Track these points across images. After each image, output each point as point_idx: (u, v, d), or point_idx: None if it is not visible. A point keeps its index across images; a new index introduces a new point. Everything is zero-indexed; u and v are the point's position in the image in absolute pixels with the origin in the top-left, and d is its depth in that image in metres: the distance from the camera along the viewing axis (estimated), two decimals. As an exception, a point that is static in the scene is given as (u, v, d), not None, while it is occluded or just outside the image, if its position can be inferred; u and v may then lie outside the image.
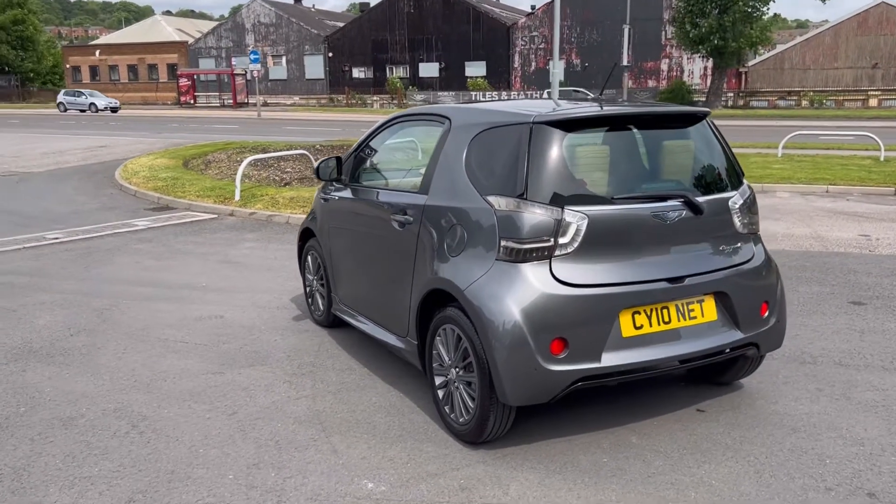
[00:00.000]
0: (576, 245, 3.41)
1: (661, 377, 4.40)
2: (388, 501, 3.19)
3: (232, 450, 3.66)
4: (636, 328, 3.50)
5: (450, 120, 4.05)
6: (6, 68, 72.27)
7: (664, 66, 49.82)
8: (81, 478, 3.41)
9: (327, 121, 35.45)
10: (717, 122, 4.15)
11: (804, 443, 3.66)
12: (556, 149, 3.49)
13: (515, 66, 53.38)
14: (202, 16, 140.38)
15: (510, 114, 3.70)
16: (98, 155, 18.70)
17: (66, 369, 4.75)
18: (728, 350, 3.81)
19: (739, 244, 3.87)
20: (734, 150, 4.22)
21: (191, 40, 64.67)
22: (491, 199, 3.51)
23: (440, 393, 3.85)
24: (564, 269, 3.39)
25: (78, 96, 49.23)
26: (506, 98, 24.68)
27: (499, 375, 3.35)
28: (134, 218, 10.33)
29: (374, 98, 54.05)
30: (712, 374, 4.34)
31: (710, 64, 43.10)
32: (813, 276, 6.81)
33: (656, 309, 3.56)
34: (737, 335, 3.78)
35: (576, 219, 3.40)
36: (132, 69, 65.66)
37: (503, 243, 3.41)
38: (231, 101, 53.42)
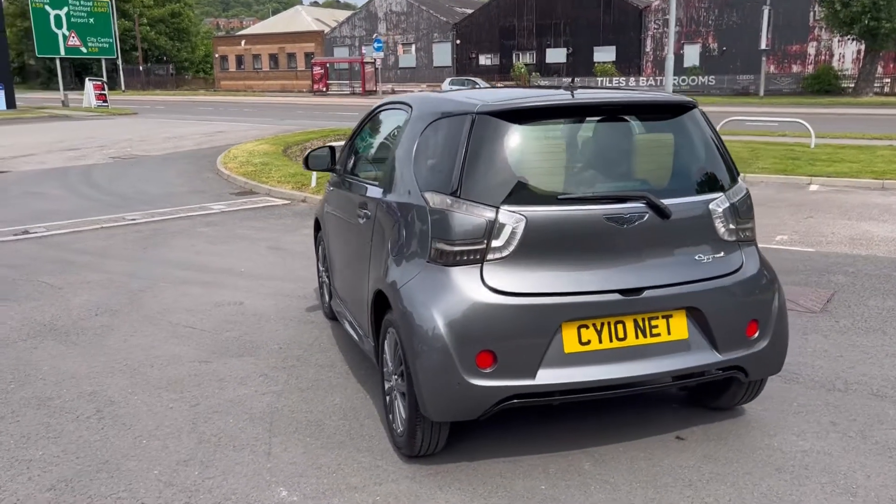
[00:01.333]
0: (511, 249, 3.08)
1: (649, 396, 3.97)
2: (292, 513, 3.03)
3: (173, 443, 3.62)
4: (582, 343, 3.13)
5: (412, 108, 3.80)
6: (164, 58, 77.81)
7: (811, 49, 46.34)
8: (23, 460, 3.48)
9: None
10: (866, 112, 3.63)
11: (783, 487, 3.16)
12: (499, 141, 3.17)
13: (647, 50, 51.39)
14: (346, 6, 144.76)
15: (460, 102, 3.40)
16: (213, 140, 19.65)
17: (73, 349, 4.92)
18: (702, 373, 3.36)
19: (721, 253, 3.38)
20: (869, 141, 3.68)
21: (327, 30, 66.93)
22: (427, 195, 3.24)
23: (387, 399, 3.64)
24: (497, 276, 3.08)
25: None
26: (615, 85, 23.71)
27: (420, 388, 3.10)
28: (215, 202, 10.71)
29: (501, 85, 53.67)
30: (705, 397, 3.87)
31: (863, 47, 39.52)
32: (894, 289, 5.99)
33: (608, 323, 3.17)
34: (713, 357, 3.31)
35: (511, 220, 3.07)
36: (273, 58, 68.85)
37: (434, 244, 3.14)
38: (360, 89, 54.75)
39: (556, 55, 55.15)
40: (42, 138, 20.32)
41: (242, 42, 71.03)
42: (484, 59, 58.17)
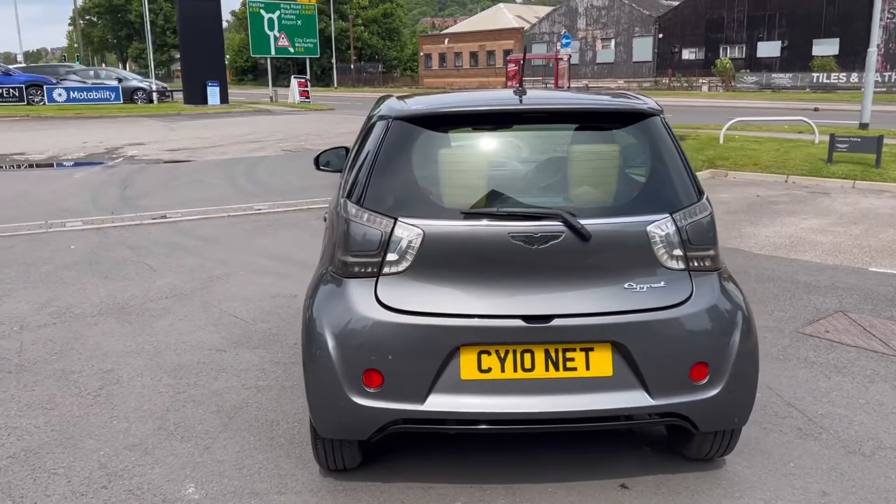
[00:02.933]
0: (406, 264, 2.90)
1: (601, 436, 3.56)
2: (185, 509, 3.09)
3: (135, 427, 3.83)
4: (481, 371, 2.88)
5: (379, 110, 3.69)
6: (375, 56, 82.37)
7: None
8: (10, 427, 3.84)
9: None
10: None
11: (701, 561, 2.70)
12: (409, 149, 3.00)
13: (878, 43, 45.99)
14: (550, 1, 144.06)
15: (393, 107, 3.25)
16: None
17: (124, 328, 5.37)
18: (630, 417, 2.95)
19: (662, 283, 2.94)
20: None
21: (527, 26, 67.17)
22: (343, 201, 3.14)
23: None
24: (391, 292, 2.91)
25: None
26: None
27: (309, 402, 3.02)
28: (343, 196, 11.15)
29: (703, 80, 50.72)
30: (677, 445, 3.40)
31: None
32: None
33: (514, 352, 2.88)
34: (643, 401, 2.90)
35: (408, 233, 2.89)
36: (473, 56, 70.40)
37: (338, 254, 3.04)
38: (553, 85, 54.27)
39: (768, 49, 51.13)
40: (236, 131, 22.32)
41: (446, 40, 73.30)
42: (687, 54, 55.33)
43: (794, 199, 10.52)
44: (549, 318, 2.85)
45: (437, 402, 2.87)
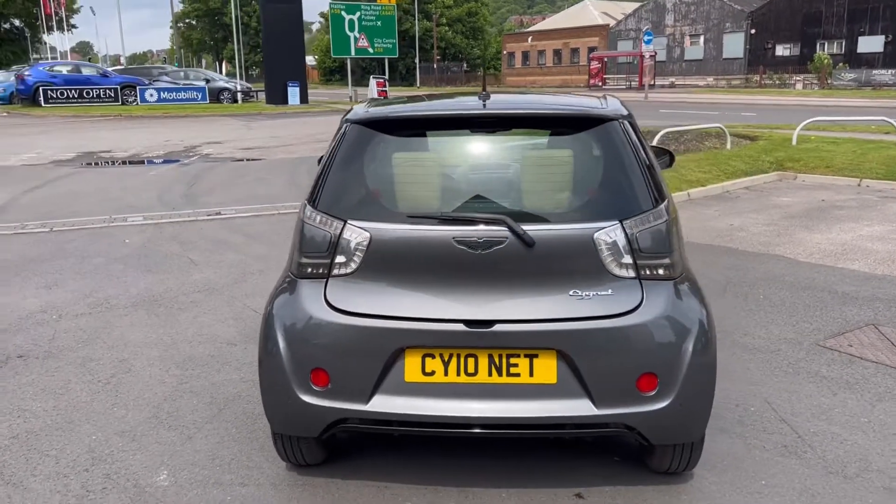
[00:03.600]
0: (354, 266, 2.96)
1: (562, 444, 3.51)
2: (152, 496, 3.25)
3: (131, 414, 4.04)
4: (425, 374, 2.91)
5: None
6: (459, 55, 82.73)
7: None
8: (21, 409, 4.12)
9: (724, 104, 32.94)
10: None
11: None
12: (363, 152, 3.06)
13: None
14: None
15: (356, 111, 3.30)
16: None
17: (151, 320, 5.64)
18: (577, 426, 2.91)
19: (609, 291, 2.89)
20: None
21: (612, 23, 65.99)
22: (303, 203, 3.21)
23: None
24: (340, 293, 2.98)
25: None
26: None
27: (262, 397, 3.12)
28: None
29: (797, 78, 48.54)
30: (643, 457, 3.33)
31: None
32: None
33: (458, 356, 2.90)
34: (587, 410, 2.86)
35: (356, 236, 2.94)
36: (557, 53, 69.71)
37: (294, 256, 3.13)
38: (637, 83, 53.15)
39: (869, 44, 48.50)
40: (309, 130, 22.90)
41: (529, 38, 72.86)
42: (781, 50, 53.11)
43: (862, 204, 9.98)
44: (490, 323, 2.85)
45: (381, 404, 2.92)
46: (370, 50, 36.22)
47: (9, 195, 11.68)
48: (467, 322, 2.86)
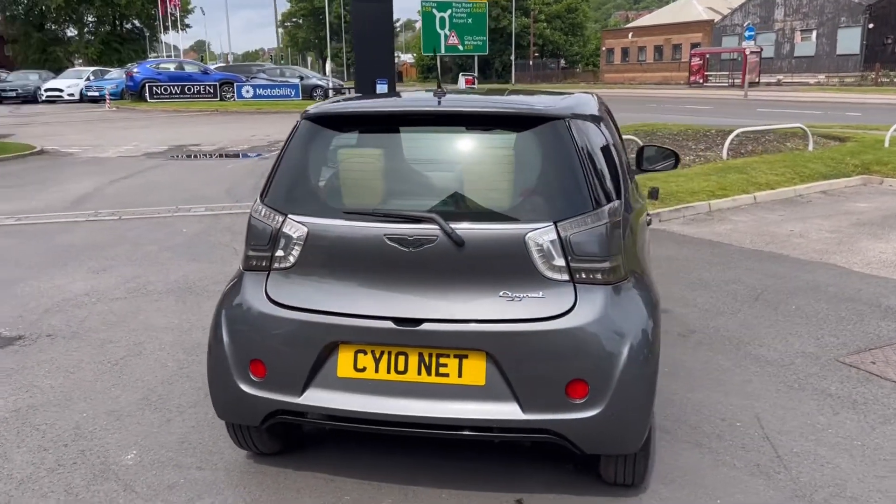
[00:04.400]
0: (292, 260, 3.00)
1: (511, 447, 3.43)
2: (114, 474, 3.41)
3: (124, 395, 4.23)
4: (357, 370, 2.92)
5: None
6: (557, 52, 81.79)
7: None
8: (30, 385, 4.40)
9: (830, 103, 31.12)
10: None
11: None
12: (311, 148, 3.10)
13: None
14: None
15: (309, 107, 3.33)
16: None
17: (178, 306, 5.90)
18: (502, 432, 2.85)
19: (540, 293, 2.80)
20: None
21: (717, 18, 63.56)
22: (256, 197, 3.27)
23: None
24: (278, 286, 3.03)
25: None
26: None
27: (209, 385, 3.20)
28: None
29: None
30: (597, 466, 3.22)
31: None
32: None
33: (388, 353, 2.89)
34: (513, 413, 2.80)
35: (294, 230, 2.98)
36: (657, 50, 67.75)
37: (243, 248, 3.20)
38: (740, 81, 50.99)
39: None
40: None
41: (629, 34, 71.16)
42: (902, 46, 49.68)
43: (949, 211, 9.25)
44: (419, 321, 2.83)
45: (313, 397, 2.95)
46: (460, 47, 36.36)
47: (96, 185, 12.45)
48: (396, 320, 2.85)
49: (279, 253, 3.02)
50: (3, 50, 63.79)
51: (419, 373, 2.87)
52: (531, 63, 74.98)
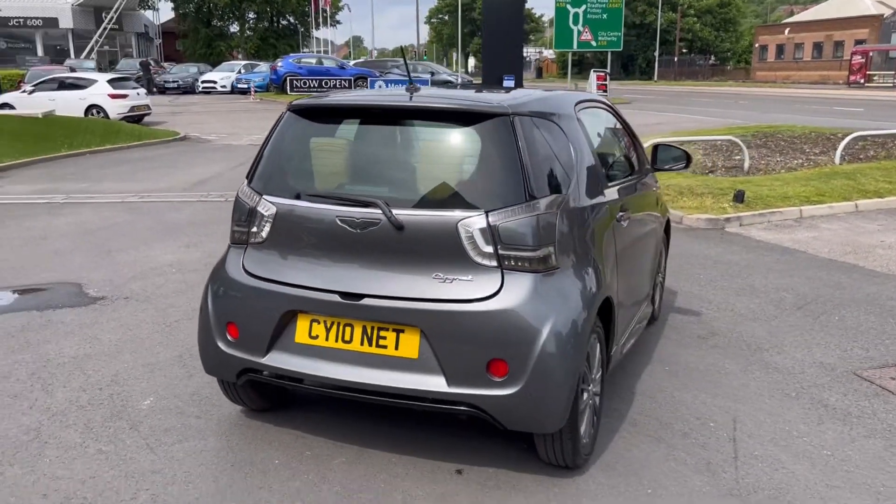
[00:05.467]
0: (264, 236, 3.37)
1: (462, 422, 3.61)
2: (126, 415, 3.93)
3: (161, 355, 4.78)
4: (311, 337, 3.25)
5: None
6: (706, 49, 78.45)
7: None
8: (89, 336, 5.08)
9: None
10: None
11: (435, 544, 2.80)
12: (290, 137, 3.46)
13: None
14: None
15: (299, 100, 3.67)
16: (651, 130, 19.88)
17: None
18: (430, 402, 3.08)
19: (469, 277, 3.01)
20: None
21: (888, 13, 58.65)
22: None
23: None
24: (252, 259, 3.41)
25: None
26: None
27: (198, 343, 3.63)
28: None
29: None
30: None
31: None
32: None
33: (337, 323, 3.20)
34: (439, 386, 3.03)
35: (266, 209, 3.36)
36: (817, 47, 63.53)
37: (230, 225, 3.59)
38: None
39: None
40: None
41: (786, 30, 67.12)
42: None
43: None
44: (360, 296, 3.12)
45: (274, 359, 3.31)
46: (593, 43, 35.82)
47: (219, 169, 13.57)
48: (342, 294, 3.15)
49: (254, 229, 3.40)
50: (174, 44, 69.55)
51: (362, 343, 3.16)
52: (676, 59, 72.41)
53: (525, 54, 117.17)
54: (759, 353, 4.74)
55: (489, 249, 3.00)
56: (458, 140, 3.20)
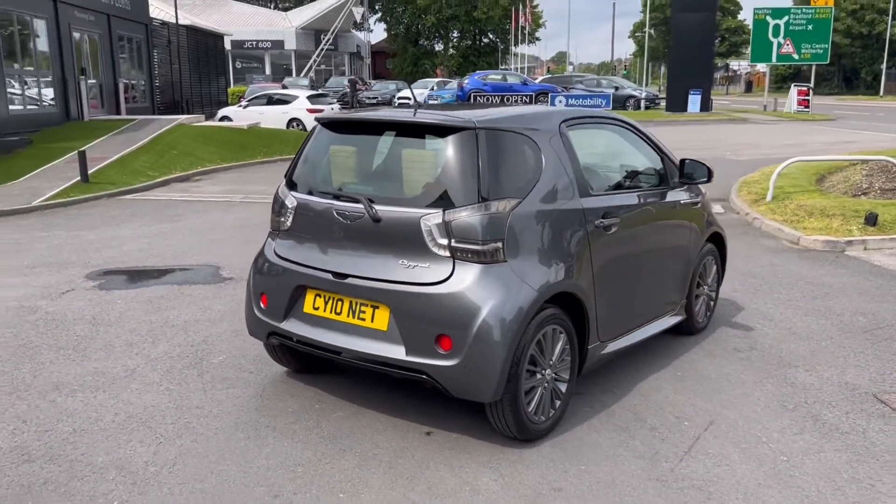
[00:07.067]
0: (289, 225, 4.13)
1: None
2: (200, 368, 4.87)
3: (224, 326, 5.74)
4: (314, 308, 3.96)
5: None
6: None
7: None
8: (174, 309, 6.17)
9: None
10: None
11: None
12: (316, 144, 4.21)
13: None
14: None
15: (326, 113, 4.39)
16: (824, 149, 18.63)
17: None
18: (393, 368, 3.66)
19: (427, 264, 3.56)
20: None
21: None
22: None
23: None
24: (280, 243, 4.20)
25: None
26: None
27: (245, 310, 4.47)
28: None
29: None
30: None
31: None
32: None
33: (332, 298, 3.88)
34: (399, 355, 3.61)
35: (290, 203, 4.12)
36: None
37: (270, 216, 4.40)
38: None
39: None
40: (674, 137, 22.78)
41: None
42: None
43: None
44: (346, 276, 3.78)
45: (288, 324, 4.06)
46: (795, 56, 33.69)
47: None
48: (333, 273, 3.84)
49: (283, 219, 4.18)
50: (382, 63, 74.57)
51: (348, 315, 3.82)
52: (906, 73, 65.37)
53: (736, 67, 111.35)
54: (786, 368, 4.76)
55: (444, 242, 3.53)
56: (432, 149, 3.76)
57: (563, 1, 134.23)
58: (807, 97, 33.38)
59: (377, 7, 73.18)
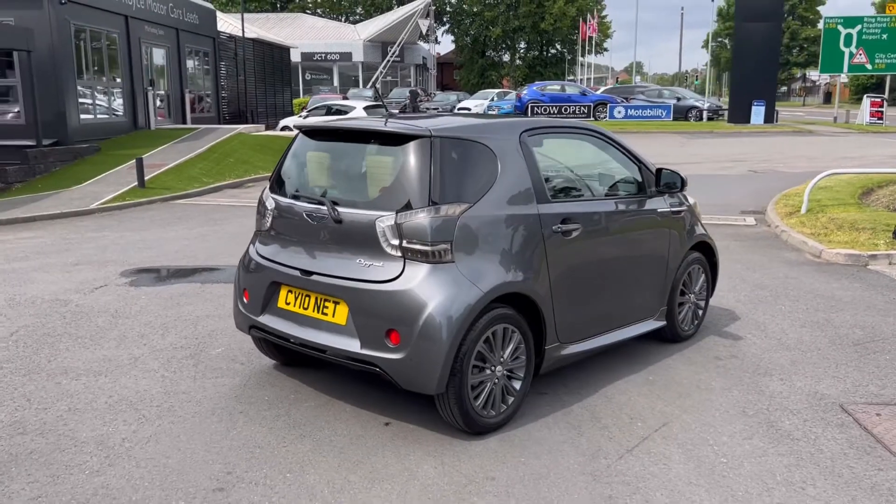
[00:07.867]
0: (268, 225, 4.43)
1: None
2: (198, 357, 5.22)
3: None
4: (286, 303, 4.25)
5: None
6: None
7: None
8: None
9: None
10: None
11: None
12: (297, 151, 4.50)
13: None
14: None
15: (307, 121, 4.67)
16: (879, 163, 17.99)
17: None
18: (350, 360, 3.89)
19: (381, 263, 3.80)
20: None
21: None
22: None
23: None
24: (261, 242, 4.51)
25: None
26: None
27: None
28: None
29: None
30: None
31: None
32: None
33: (301, 294, 4.16)
34: (355, 348, 3.85)
35: (270, 204, 4.42)
36: None
37: (255, 216, 4.71)
38: None
39: None
40: (734, 150, 22.33)
41: None
42: None
43: None
44: (311, 273, 4.05)
45: (265, 318, 4.35)
46: (868, 66, 32.50)
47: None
48: (301, 270, 4.11)
49: (264, 220, 4.49)
50: (448, 74, 75.32)
51: (314, 310, 4.08)
52: None
53: (815, 78, 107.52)
54: (760, 377, 4.79)
55: (396, 242, 3.76)
56: (392, 155, 3.99)
57: (639, 11, 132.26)
58: (881, 108, 32.19)
59: (445, 19, 74.05)
